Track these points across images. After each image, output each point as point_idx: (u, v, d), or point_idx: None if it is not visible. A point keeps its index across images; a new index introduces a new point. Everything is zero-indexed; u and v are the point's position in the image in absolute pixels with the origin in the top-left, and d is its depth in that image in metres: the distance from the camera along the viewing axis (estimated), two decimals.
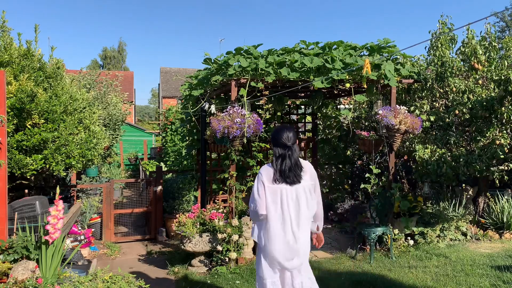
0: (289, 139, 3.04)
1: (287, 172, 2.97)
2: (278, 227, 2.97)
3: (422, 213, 6.22)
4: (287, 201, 2.96)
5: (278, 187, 2.96)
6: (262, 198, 2.96)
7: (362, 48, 6.09)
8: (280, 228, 2.96)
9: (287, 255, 2.98)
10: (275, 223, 2.97)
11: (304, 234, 3.01)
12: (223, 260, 5.23)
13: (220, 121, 5.19)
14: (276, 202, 2.97)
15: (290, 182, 2.97)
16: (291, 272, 3.04)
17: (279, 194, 2.96)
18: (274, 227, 2.97)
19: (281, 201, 2.96)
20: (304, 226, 3.00)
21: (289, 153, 3.02)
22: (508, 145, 5.77)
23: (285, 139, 3.04)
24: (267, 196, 2.96)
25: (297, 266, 3.02)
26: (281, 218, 2.96)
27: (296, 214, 2.97)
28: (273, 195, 2.97)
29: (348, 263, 5.41)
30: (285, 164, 2.98)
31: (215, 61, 6.06)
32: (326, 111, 9.10)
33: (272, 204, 2.96)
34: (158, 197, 7.13)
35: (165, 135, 13.90)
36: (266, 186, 2.97)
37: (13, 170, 4.95)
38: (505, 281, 4.50)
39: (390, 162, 6.17)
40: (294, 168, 2.99)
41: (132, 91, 31.74)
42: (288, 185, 2.97)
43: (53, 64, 5.80)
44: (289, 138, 3.04)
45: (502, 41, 6.55)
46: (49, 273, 3.87)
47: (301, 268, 3.05)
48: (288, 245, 2.97)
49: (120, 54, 52.62)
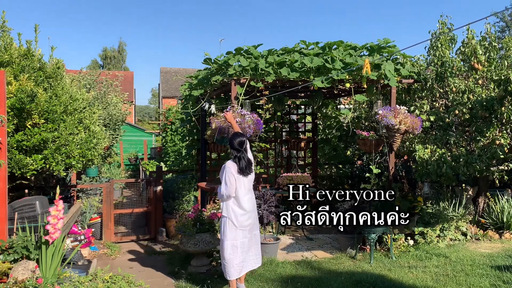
0: (241, 144, 4.18)
1: (244, 168, 4.17)
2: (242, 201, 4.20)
3: (422, 213, 6.22)
4: (244, 183, 4.20)
5: (239, 176, 4.16)
6: (233, 184, 4.11)
7: (362, 48, 6.09)
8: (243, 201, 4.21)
9: (246, 217, 4.25)
10: (242, 199, 4.19)
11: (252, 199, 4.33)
12: None
13: (220, 121, 5.20)
14: (240, 187, 4.17)
15: (246, 174, 4.20)
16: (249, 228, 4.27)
17: (241, 181, 4.17)
18: (241, 201, 4.19)
19: (243, 184, 4.19)
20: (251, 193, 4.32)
21: (243, 155, 4.17)
22: (508, 145, 5.77)
23: (238, 144, 4.17)
24: (236, 183, 4.13)
25: (252, 223, 4.30)
26: (239, 195, 4.18)
27: (248, 188, 4.25)
28: (238, 181, 4.15)
29: (348, 263, 5.41)
30: (242, 163, 4.15)
31: (215, 61, 6.07)
32: (326, 111, 9.11)
33: (238, 187, 4.16)
34: (158, 197, 7.13)
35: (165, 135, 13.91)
36: (235, 177, 4.12)
37: (13, 170, 4.96)
38: (505, 281, 4.50)
39: (390, 162, 6.18)
40: (248, 166, 4.21)
41: (132, 91, 31.75)
42: (243, 177, 4.19)
43: (53, 64, 5.80)
44: (241, 144, 4.18)
45: (502, 41, 6.56)
46: (49, 273, 3.87)
47: (253, 226, 4.33)
48: (246, 211, 4.24)
49: (120, 54, 52.60)
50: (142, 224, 8.01)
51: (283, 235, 6.98)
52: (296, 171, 7.69)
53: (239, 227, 4.19)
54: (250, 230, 4.30)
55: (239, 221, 4.19)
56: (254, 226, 4.36)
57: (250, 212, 4.27)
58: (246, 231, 4.25)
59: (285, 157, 8.98)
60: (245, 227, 4.23)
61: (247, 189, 4.26)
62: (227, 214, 4.22)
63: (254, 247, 4.35)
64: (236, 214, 4.19)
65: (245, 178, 4.21)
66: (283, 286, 4.65)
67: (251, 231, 4.31)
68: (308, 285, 4.63)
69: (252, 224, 4.32)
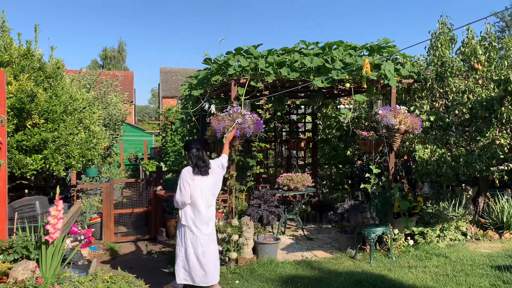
0: (198, 149, 4.39)
1: (199, 165, 4.30)
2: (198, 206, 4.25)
3: (422, 213, 6.22)
4: (201, 190, 4.26)
5: (196, 181, 4.23)
6: (187, 190, 4.20)
7: (362, 48, 6.09)
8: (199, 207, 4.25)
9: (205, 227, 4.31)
10: (198, 204, 4.25)
11: (211, 209, 4.37)
12: (223, 260, 5.23)
13: (220, 121, 5.20)
14: (197, 194, 4.23)
15: (203, 173, 4.28)
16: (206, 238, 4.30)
17: (197, 187, 4.23)
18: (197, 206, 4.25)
19: (200, 191, 4.25)
20: (211, 202, 4.36)
21: (198, 154, 4.33)
22: (508, 145, 5.77)
23: (195, 146, 4.39)
24: (191, 190, 4.21)
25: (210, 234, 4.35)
26: (196, 202, 4.24)
27: (206, 197, 4.28)
28: (193, 187, 4.22)
29: (348, 263, 5.41)
30: (195, 161, 4.31)
31: (215, 61, 6.07)
32: (326, 111, 9.11)
33: (194, 193, 4.24)
34: (158, 197, 7.12)
35: (165, 135, 13.91)
36: (190, 184, 4.22)
37: (13, 170, 4.95)
38: (505, 281, 4.50)
39: (390, 162, 6.18)
40: (204, 164, 4.33)
41: (132, 91, 31.75)
42: (201, 176, 4.27)
43: (53, 64, 5.80)
44: (197, 148, 4.38)
45: (502, 41, 6.56)
46: (49, 273, 3.87)
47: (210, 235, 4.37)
48: (203, 217, 4.28)
49: (120, 54, 52.60)
50: (142, 224, 8.00)
51: (283, 235, 6.98)
52: (296, 171, 7.69)
53: (198, 236, 4.25)
54: (208, 243, 4.31)
55: (198, 229, 4.26)
56: (211, 238, 4.37)
57: (208, 222, 4.32)
58: (204, 241, 4.27)
59: (285, 157, 8.98)
60: (204, 236, 4.27)
61: (206, 197, 4.28)
62: (186, 223, 4.26)
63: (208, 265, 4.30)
64: (195, 222, 4.24)
65: (202, 182, 4.26)
66: (283, 286, 4.65)
67: (209, 245, 4.31)
68: (308, 285, 4.63)
69: (210, 234, 4.34)
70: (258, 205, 6.03)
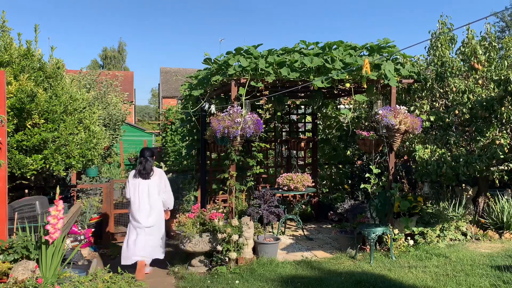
0: (145, 155, 5.38)
1: (141, 171, 5.33)
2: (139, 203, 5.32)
3: (422, 213, 6.22)
4: (141, 190, 5.32)
5: (137, 181, 5.33)
6: (129, 188, 5.35)
7: (362, 48, 6.09)
8: (140, 203, 5.32)
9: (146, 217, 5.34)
10: (137, 201, 5.31)
11: (155, 207, 5.39)
12: (223, 260, 5.23)
13: (220, 121, 5.20)
14: (136, 190, 5.32)
15: (143, 177, 5.32)
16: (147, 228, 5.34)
17: (137, 186, 5.32)
18: (137, 203, 5.31)
19: (139, 190, 5.31)
20: (155, 202, 5.39)
21: (145, 162, 5.34)
22: (508, 145, 5.77)
23: (144, 155, 5.38)
24: (130, 188, 5.35)
25: (151, 224, 5.35)
26: (138, 199, 5.31)
27: (147, 196, 5.32)
28: (133, 186, 5.34)
29: (348, 263, 5.41)
30: (139, 168, 5.35)
31: (215, 61, 6.07)
32: (326, 111, 9.10)
33: (133, 191, 5.33)
34: None
35: (165, 135, 13.90)
36: (131, 183, 5.35)
37: (13, 170, 4.96)
38: (505, 281, 4.50)
39: (390, 162, 6.17)
40: (144, 170, 5.33)
41: (132, 91, 31.74)
42: (142, 180, 5.32)
43: (53, 64, 5.80)
44: (145, 155, 5.38)
45: (502, 41, 6.56)
46: (49, 273, 3.87)
47: (154, 228, 5.39)
48: (145, 212, 5.33)
49: (120, 54, 52.59)
50: None
51: (283, 235, 6.98)
52: (296, 171, 7.69)
53: (136, 227, 5.31)
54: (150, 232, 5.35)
55: (136, 220, 5.32)
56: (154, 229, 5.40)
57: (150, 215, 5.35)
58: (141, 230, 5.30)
59: (285, 157, 8.98)
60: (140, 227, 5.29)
61: (146, 194, 5.32)
62: (129, 214, 5.45)
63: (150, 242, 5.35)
64: (133, 214, 5.32)
65: (144, 184, 5.31)
66: (283, 286, 4.65)
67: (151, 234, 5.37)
68: (308, 285, 4.63)
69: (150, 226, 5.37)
70: (258, 205, 6.03)
